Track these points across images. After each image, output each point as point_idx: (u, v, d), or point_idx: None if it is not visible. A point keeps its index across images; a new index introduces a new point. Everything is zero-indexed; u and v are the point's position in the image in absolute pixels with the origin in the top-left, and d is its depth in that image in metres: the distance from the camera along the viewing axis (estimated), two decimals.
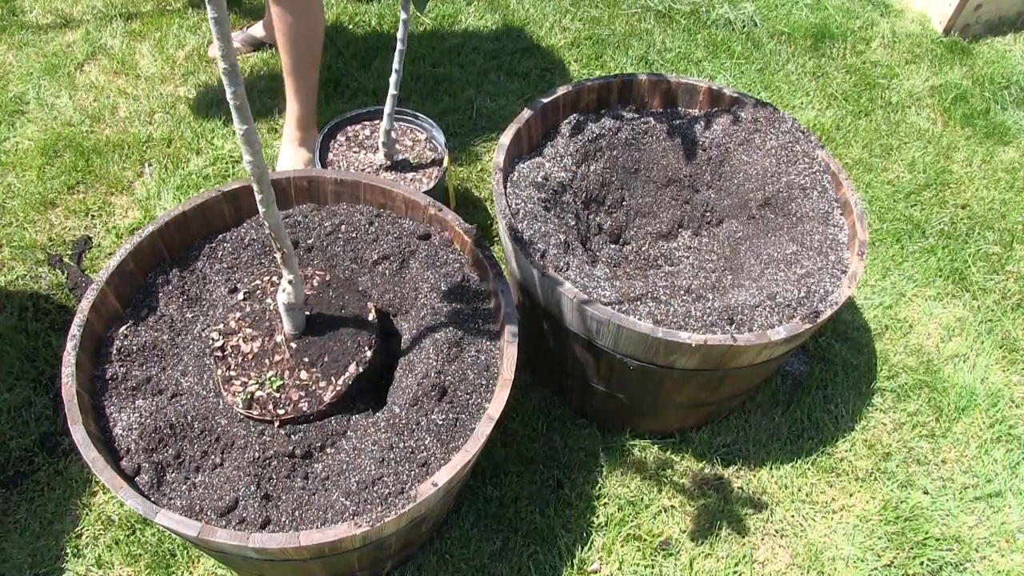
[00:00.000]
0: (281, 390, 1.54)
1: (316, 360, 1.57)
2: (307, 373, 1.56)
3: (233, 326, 1.62)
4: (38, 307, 2.15)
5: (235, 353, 1.59)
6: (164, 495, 1.41)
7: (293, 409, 1.52)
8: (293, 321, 1.56)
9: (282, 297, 1.50)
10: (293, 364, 1.57)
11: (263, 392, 1.53)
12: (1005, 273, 2.47)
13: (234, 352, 1.59)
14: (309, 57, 2.22)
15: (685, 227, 2.12)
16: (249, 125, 1.18)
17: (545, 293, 1.71)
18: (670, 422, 2.00)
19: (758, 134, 2.04)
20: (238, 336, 1.61)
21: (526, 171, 1.93)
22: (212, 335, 1.60)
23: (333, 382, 1.55)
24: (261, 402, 1.52)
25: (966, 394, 2.16)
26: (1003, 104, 3.01)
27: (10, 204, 2.40)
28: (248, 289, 1.68)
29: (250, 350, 1.59)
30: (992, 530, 1.92)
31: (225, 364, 1.57)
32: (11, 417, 1.94)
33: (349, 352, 1.59)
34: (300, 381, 1.55)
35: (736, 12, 3.27)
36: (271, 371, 1.56)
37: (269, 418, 1.51)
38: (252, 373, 1.56)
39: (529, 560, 1.81)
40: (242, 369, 1.57)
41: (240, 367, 1.57)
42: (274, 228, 1.36)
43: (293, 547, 1.29)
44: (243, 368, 1.57)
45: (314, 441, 1.52)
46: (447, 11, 3.16)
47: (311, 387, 1.54)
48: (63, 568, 1.74)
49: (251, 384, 1.54)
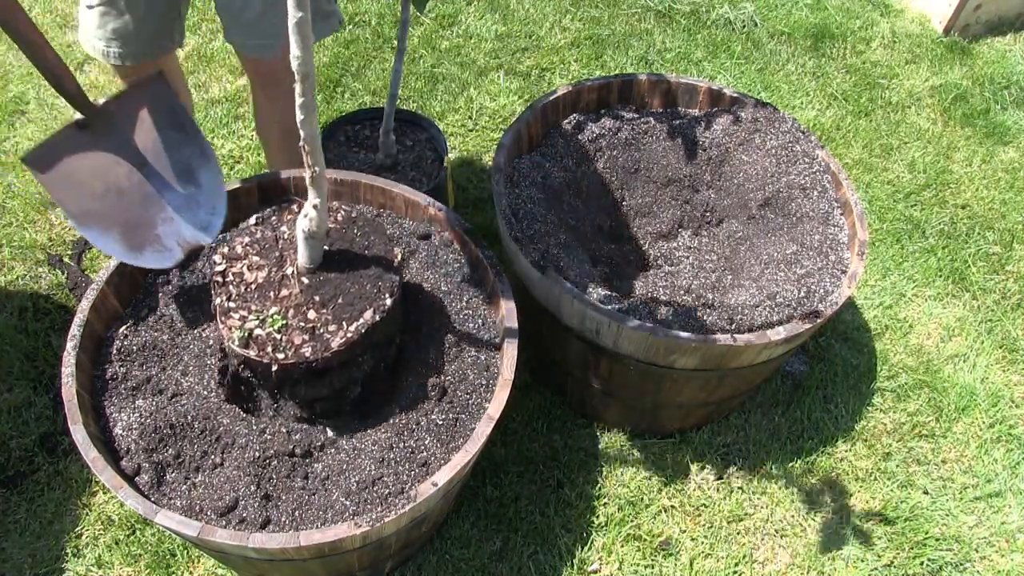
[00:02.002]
0: (283, 331, 1.36)
1: (328, 300, 1.39)
2: (316, 313, 1.38)
3: (239, 251, 1.44)
4: (38, 307, 2.15)
5: (237, 281, 1.40)
6: (164, 495, 1.41)
7: (295, 354, 1.34)
8: (310, 253, 1.39)
9: (303, 223, 1.33)
10: (301, 301, 1.38)
11: (263, 331, 1.35)
12: (1005, 273, 2.47)
13: (236, 280, 1.40)
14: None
15: (685, 227, 2.12)
16: (304, 14, 1.06)
17: (545, 293, 1.71)
18: (670, 422, 2.00)
19: (758, 134, 2.04)
20: (243, 263, 1.43)
21: (526, 171, 1.93)
22: (215, 258, 1.44)
23: (344, 327, 1.36)
24: (259, 342, 1.35)
25: (966, 394, 2.16)
26: (1003, 104, 3.01)
27: (10, 204, 2.40)
28: (263, 213, 1.51)
29: (255, 280, 1.41)
30: (992, 530, 1.92)
31: (225, 292, 1.40)
32: (11, 417, 1.94)
33: (367, 296, 1.40)
34: (306, 322, 1.37)
35: (736, 12, 3.27)
36: (275, 307, 1.38)
37: (267, 361, 1.35)
38: (253, 307, 1.38)
39: (529, 560, 1.81)
40: (243, 300, 1.39)
41: (241, 298, 1.39)
42: (309, 139, 1.21)
43: (293, 547, 1.29)
44: (244, 299, 1.39)
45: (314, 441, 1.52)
46: (447, 11, 3.16)
47: (318, 330, 1.36)
48: (63, 568, 1.74)
49: (251, 319, 1.36)
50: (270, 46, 1.76)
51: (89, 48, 1.80)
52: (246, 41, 1.76)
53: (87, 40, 1.79)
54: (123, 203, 1.49)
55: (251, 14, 1.70)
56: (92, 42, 1.77)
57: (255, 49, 1.76)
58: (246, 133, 2.66)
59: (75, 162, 1.43)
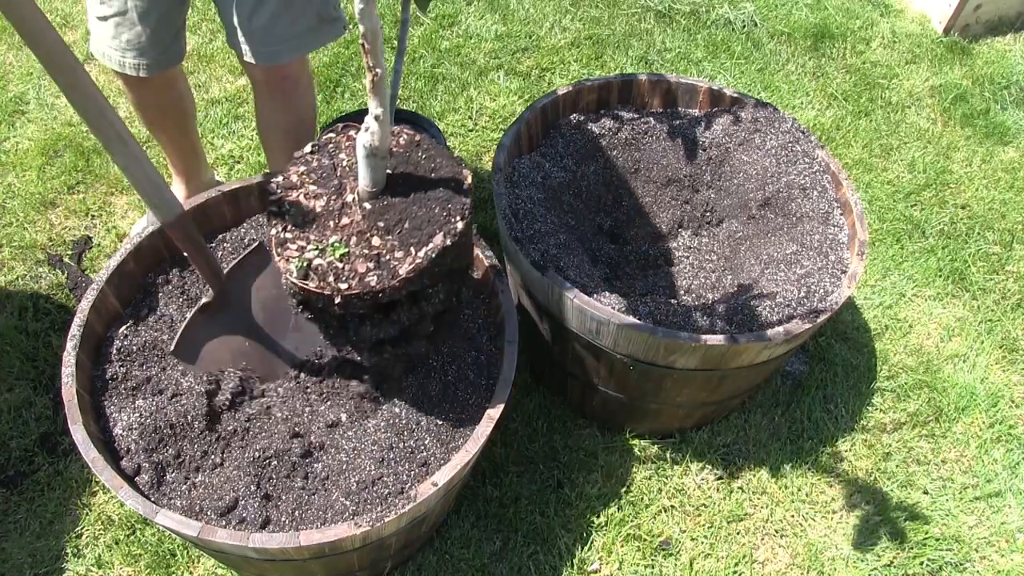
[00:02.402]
0: (345, 259, 1.26)
1: (394, 226, 1.28)
2: (380, 240, 1.27)
3: (295, 180, 1.34)
4: (38, 307, 2.15)
5: (294, 210, 1.32)
6: (164, 495, 1.41)
7: (359, 283, 1.24)
8: (372, 174, 1.28)
9: (364, 138, 1.22)
10: (364, 228, 1.28)
11: (323, 260, 1.26)
12: (1005, 273, 2.47)
13: (293, 209, 1.32)
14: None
15: (685, 227, 2.12)
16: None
17: (545, 293, 1.71)
18: (670, 422, 2.00)
19: (758, 134, 2.04)
20: (300, 191, 1.33)
21: (526, 171, 1.93)
22: (270, 187, 1.35)
23: (412, 253, 1.25)
24: (320, 272, 1.25)
25: (966, 394, 2.16)
26: (1003, 104, 3.01)
27: (10, 204, 2.40)
28: (319, 141, 1.42)
29: (312, 208, 1.32)
30: (992, 530, 1.92)
31: (281, 222, 1.30)
32: (11, 417, 1.94)
33: (436, 220, 1.28)
34: (370, 249, 1.27)
35: (736, 12, 3.27)
36: (335, 235, 1.28)
37: (328, 292, 1.24)
38: (312, 236, 1.29)
39: (529, 560, 1.81)
40: (301, 230, 1.29)
41: (299, 227, 1.29)
42: (370, 34, 1.09)
43: (293, 547, 1.29)
44: (302, 229, 1.29)
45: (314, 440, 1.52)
46: (447, 11, 3.16)
47: (384, 257, 1.26)
48: (63, 568, 1.74)
49: (310, 249, 1.27)
50: (279, 52, 1.75)
51: (105, 60, 1.79)
52: (257, 48, 1.74)
53: (102, 51, 1.78)
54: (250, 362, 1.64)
55: (261, 20, 1.69)
56: (107, 53, 1.76)
57: (265, 56, 1.75)
58: (246, 133, 2.66)
59: (208, 345, 1.58)
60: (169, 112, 2.02)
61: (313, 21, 1.73)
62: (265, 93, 1.90)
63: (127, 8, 1.68)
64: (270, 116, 1.95)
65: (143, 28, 1.72)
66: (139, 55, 1.76)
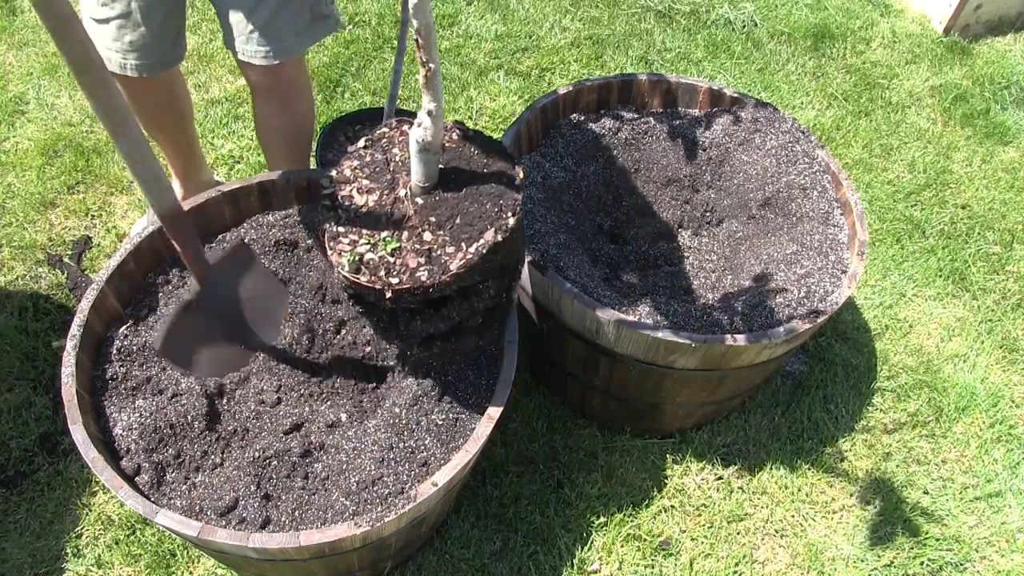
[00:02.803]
0: (396, 254, 1.26)
1: (445, 221, 1.28)
2: (432, 235, 1.27)
3: (348, 174, 1.35)
4: (38, 307, 2.15)
5: (347, 204, 1.32)
6: (164, 495, 1.41)
7: (409, 278, 1.24)
8: (425, 169, 1.28)
9: (417, 133, 1.22)
10: (416, 223, 1.28)
11: (375, 255, 1.26)
12: (1005, 273, 2.47)
13: (345, 203, 1.32)
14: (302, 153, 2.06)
15: (685, 227, 2.12)
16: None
17: (545, 293, 1.71)
18: (670, 422, 2.00)
19: (758, 134, 2.04)
20: (353, 186, 1.34)
21: (526, 171, 1.93)
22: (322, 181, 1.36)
23: (464, 248, 1.25)
24: (371, 266, 1.26)
25: (966, 394, 2.16)
26: (1003, 104, 3.01)
27: (10, 204, 2.40)
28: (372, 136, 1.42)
29: (365, 203, 1.32)
30: (992, 530, 1.92)
31: (334, 216, 1.31)
32: (11, 417, 1.94)
33: (488, 216, 1.28)
34: (422, 244, 1.27)
35: (736, 12, 3.27)
36: (387, 230, 1.29)
37: (380, 286, 1.24)
38: (365, 230, 1.29)
39: (529, 560, 1.81)
40: (353, 224, 1.30)
41: (351, 223, 1.30)
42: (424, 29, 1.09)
43: (293, 547, 1.29)
44: (354, 223, 1.30)
45: (314, 440, 1.52)
46: (447, 11, 3.16)
47: (435, 252, 1.26)
48: (63, 568, 1.74)
49: (361, 244, 1.28)
50: (277, 52, 1.75)
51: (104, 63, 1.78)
52: (256, 48, 1.74)
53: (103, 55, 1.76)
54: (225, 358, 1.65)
55: (261, 19, 1.70)
56: (106, 56, 1.75)
57: (263, 56, 1.75)
58: (246, 133, 2.66)
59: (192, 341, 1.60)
60: (167, 112, 2.02)
61: (307, 18, 1.75)
62: (263, 97, 1.90)
63: (130, 10, 1.67)
64: (268, 120, 1.95)
65: (146, 29, 1.71)
66: (141, 56, 1.76)
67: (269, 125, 1.96)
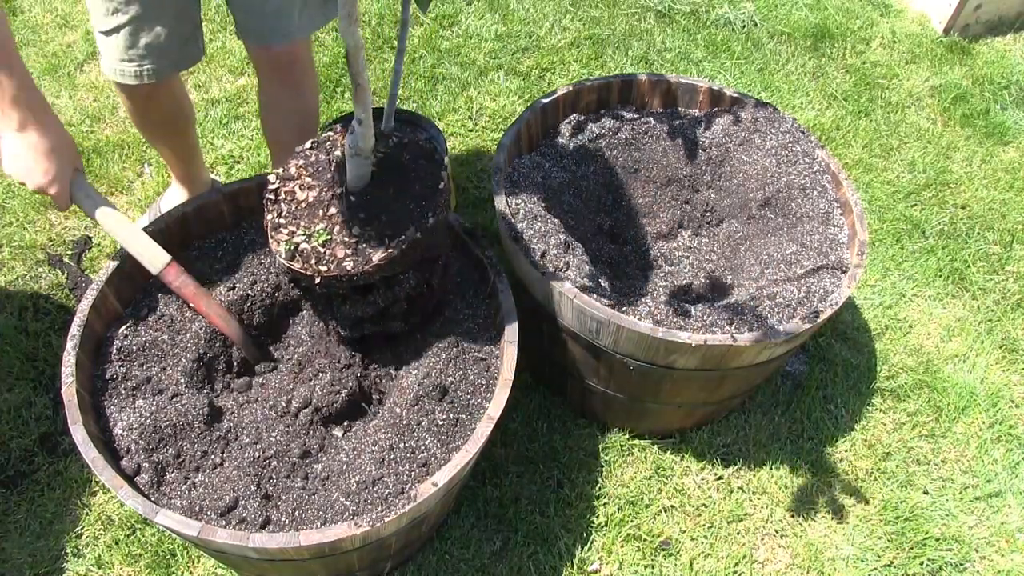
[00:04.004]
0: (327, 245, 1.42)
1: (373, 218, 1.44)
2: (360, 229, 1.43)
3: (293, 172, 1.51)
4: (38, 307, 2.15)
5: (288, 199, 1.48)
6: (164, 495, 1.41)
7: (337, 267, 1.40)
8: (356, 170, 1.43)
9: (349, 139, 1.38)
10: (347, 218, 1.44)
11: (308, 245, 1.42)
12: (1005, 273, 2.47)
13: (288, 198, 1.48)
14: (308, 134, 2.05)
15: (685, 227, 2.12)
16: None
17: (545, 293, 1.71)
18: (670, 422, 2.00)
19: (758, 134, 2.04)
20: (295, 183, 1.50)
21: (526, 171, 1.93)
22: (270, 178, 1.51)
23: (386, 243, 1.41)
24: (304, 255, 1.41)
25: (966, 394, 2.16)
26: (1003, 104, 3.01)
27: (10, 204, 2.40)
28: (318, 138, 1.58)
29: (305, 199, 1.47)
30: (992, 530, 1.92)
31: (276, 209, 1.47)
32: (11, 417, 1.94)
33: (411, 215, 1.44)
34: (350, 237, 1.42)
35: (736, 12, 3.27)
36: (321, 224, 1.44)
37: (311, 273, 1.41)
38: (302, 223, 1.45)
39: (529, 560, 1.81)
40: (292, 217, 1.46)
41: (291, 215, 1.46)
42: (352, 51, 1.20)
43: (293, 547, 1.29)
44: (293, 216, 1.46)
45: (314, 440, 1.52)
46: (447, 11, 3.16)
47: (360, 245, 1.41)
48: (63, 568, 1.74)
49: (298, 234, 1.44)
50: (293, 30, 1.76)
51: (118, 75, 1.76)
52: (272, 26, 1.74)
53: (115, 67, 1.74)
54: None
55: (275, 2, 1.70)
56: (121, 67, 1.73)
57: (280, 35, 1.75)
58: (246, 133, 2.66)
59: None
60: (173, 120, 2.02)
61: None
62: (275, 80, 1.90)
63: (141, 11, 1.66)
64: (279, 103, 1.95)
65: (161, 28, 1.70)
66: (158, 58, 1.74)
67: (281, 110, 1.97)
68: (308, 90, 1.95)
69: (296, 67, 1.88)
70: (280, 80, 1.91)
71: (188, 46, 1.80)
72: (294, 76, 1.89)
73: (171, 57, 1.76)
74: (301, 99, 1.95)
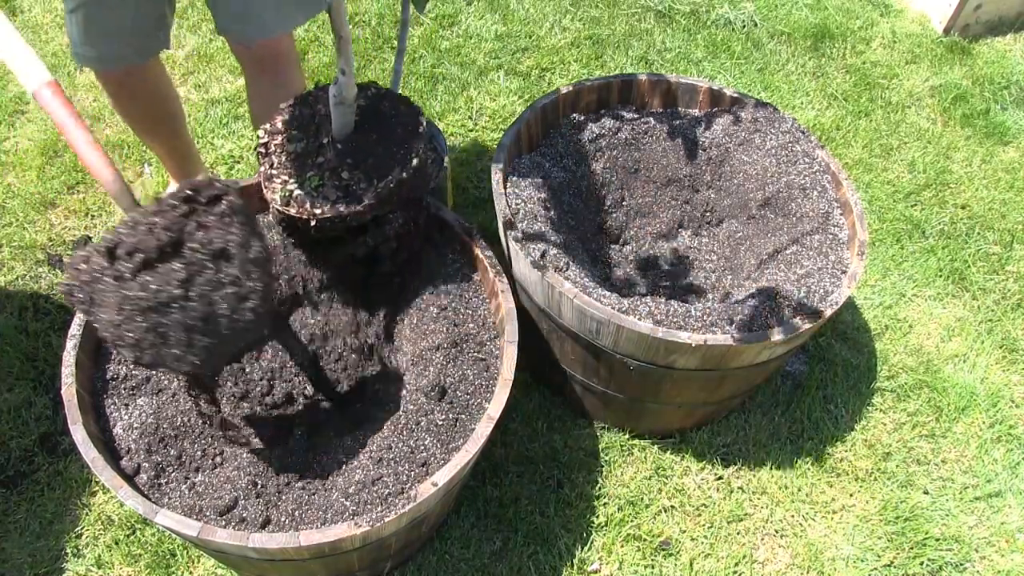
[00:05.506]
0: (319, 190, 1.50)
1: (360, 163, 1.53)
2: (348, 174, 1.52)
3: (280, 126, 1.60)
4: (38, 307, 2.15)
5: (279, 151, 1.57)
6: (164, 495, 1.41)
7: (331, 208, 1.48)
8: (341, 119, 1.52)
9: (333, 89, 1.46)
10: (335, 164, 1.53)
11: (301, 191, 1.50)
12: (1005, 273, 2.47)
13: (277, 150, 1.57)
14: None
15: (685, 227, 2.12)
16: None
17: (545, 293, 1.71)
18: (670, 422, 2.00)
19: (758, 134, 2.04)
20: (283, 136, 1.59)
21: (526, 171, 1.93)
22: (259, 132, 1.60)
23: (374, 184, 1.50)
24: (299, 200, 1.50)
25: (966, 394, 2.15)
26: (1003, 104, 3.01)
27: (10, 204, 2.40)
28: (299, 97, 1.67)
29: (294, 150, 1.57)
30: (992, 530, 1.92)
31: (268, 161, 1.55)
32: (11, 417, 1.94)
33: (395, 158, 1.54)
34: (340, 181, 1.51)
35: (736, 12, 3.27)
36: (312, 171, 1.53)
37: (306, 216, 1.49)
38: (294, 172, 1.54)
39: (529, 560, 1.81)
40: (283, 168, 1.54)
41: (282, 166, 1.54)
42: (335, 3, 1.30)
43: (293, 547, 1.29)
44: (284, 167, 1.54)
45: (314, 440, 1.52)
46: (447, 11, 3.16)
47: (351, 187, 1.50)
48: (63, 568, 1.74)
49: (291, 183, 1.52)
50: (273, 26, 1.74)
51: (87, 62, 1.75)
52: (245, 26, 1.73)
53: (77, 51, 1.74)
54: None
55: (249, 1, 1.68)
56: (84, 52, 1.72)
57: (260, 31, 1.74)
58: (246, 133, 2.66)
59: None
60: (156, 113, 2.01)
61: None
62: (260, 75, 1.90)
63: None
64: (267, 97, 1.93)
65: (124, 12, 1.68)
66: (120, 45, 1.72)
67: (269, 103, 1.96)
68: (293, 83, 1.95)
69: (279, 61, 1.88)
70: (264, 75, 1.91)
71: (151, 35, 1.78)
72: (277, 70, 1.90)
73: (133, 45, 1.74)
74: (286, 92, 1.94)
